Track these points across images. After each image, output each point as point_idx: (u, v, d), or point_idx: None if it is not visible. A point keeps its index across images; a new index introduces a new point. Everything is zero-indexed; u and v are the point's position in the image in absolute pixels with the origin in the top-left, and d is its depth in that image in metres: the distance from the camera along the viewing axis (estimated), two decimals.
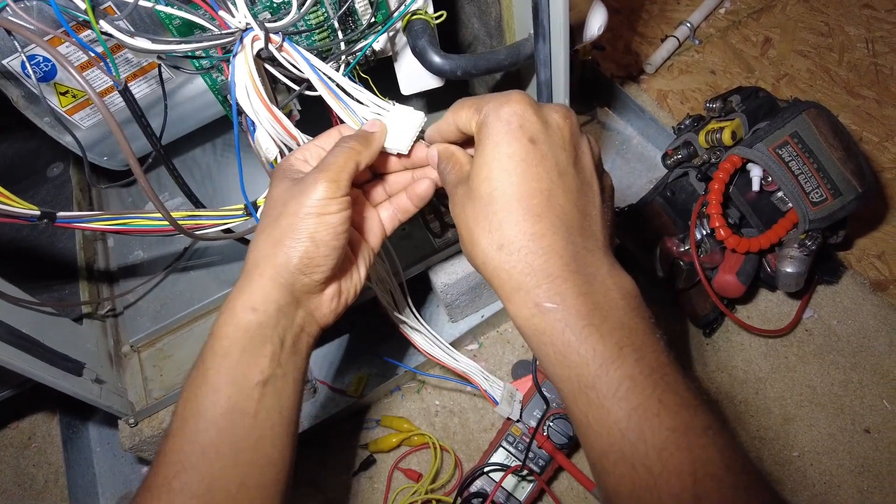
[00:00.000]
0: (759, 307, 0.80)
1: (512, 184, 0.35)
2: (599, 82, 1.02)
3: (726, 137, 0.73)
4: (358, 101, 0.54)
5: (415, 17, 0.64)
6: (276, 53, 0.52)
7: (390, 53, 0.69)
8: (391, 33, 0.67)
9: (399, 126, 0.49)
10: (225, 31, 0.49)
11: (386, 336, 0.82)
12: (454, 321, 0.84)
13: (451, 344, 0.82)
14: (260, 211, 0.50)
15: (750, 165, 0.74)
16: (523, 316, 0.35)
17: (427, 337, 0.71)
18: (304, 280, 0.42)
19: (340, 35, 0.61)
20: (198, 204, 0.69)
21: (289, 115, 0.61)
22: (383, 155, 0.49)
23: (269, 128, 0.53)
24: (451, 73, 0.64)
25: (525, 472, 0.68)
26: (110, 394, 0.63)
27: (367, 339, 0.82)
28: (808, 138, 0.70)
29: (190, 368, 0.42)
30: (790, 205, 0.71)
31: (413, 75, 0.72)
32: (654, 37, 1.13)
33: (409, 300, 0.72)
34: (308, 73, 0.53)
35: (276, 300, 0.41)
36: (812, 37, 1.07)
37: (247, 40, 0.49)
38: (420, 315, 0.86)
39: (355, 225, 0.50)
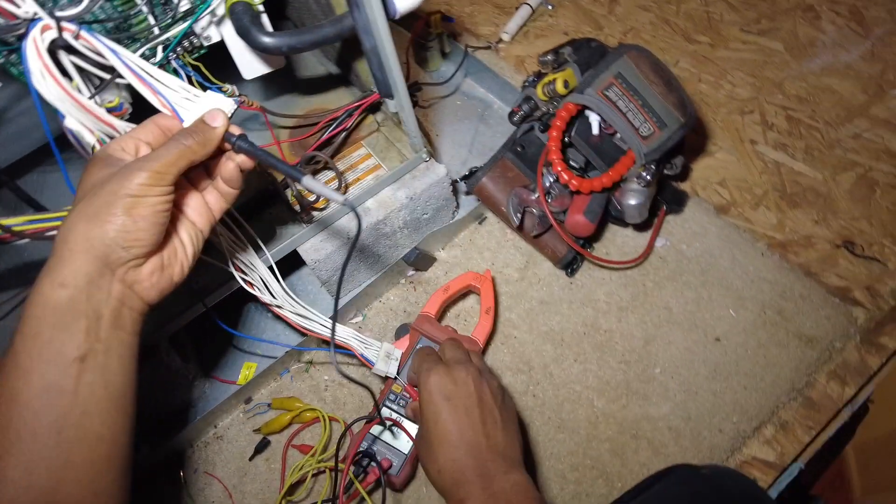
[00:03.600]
0: (617, 242, 0.85)
1: (438, 429, 0.56)
2: (462, 54, 1.06)
3: (559, 87, 0.77)
4: (167, 86, 0.55)
5: (235, 1, 0.65)
6: (73, 42, 0.52)
7: (218, 39, 0.69)
8: (214, 19, 0.68)
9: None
10: (12, 23, 0.49)
11: (270, 321, 0.83)
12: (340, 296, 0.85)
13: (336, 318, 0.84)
14: None
15: (588, 112, 0.78)
16: None
17: (302, 314, 0.73)
18: (121, 253, 0.42)
19: (153, 21, 0.61)
20: (39, 207, 0.67)
21: (118, 107, 0.61)
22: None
23: (78, 116, 0.53)
24: (278, 50, 0.65)
25: (390, 423, 0.70)
26: None
27: (250, 327, 0.83)
28: (631, 77, 0.76)
29: None
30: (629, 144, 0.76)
31: (250, 60, 0.73)
32: (511, 7, 1.18)
33: (281, 281, 0.73)
34: (112, 61, 0.53)
35: (88, 273, 0.41)
36: None
37: (34, 31, 0.49)
38: (303, 294, 0.88)
39: (179, 207, 0.51)
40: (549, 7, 1.16)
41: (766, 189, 0.88)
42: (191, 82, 0.66)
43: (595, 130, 0.79)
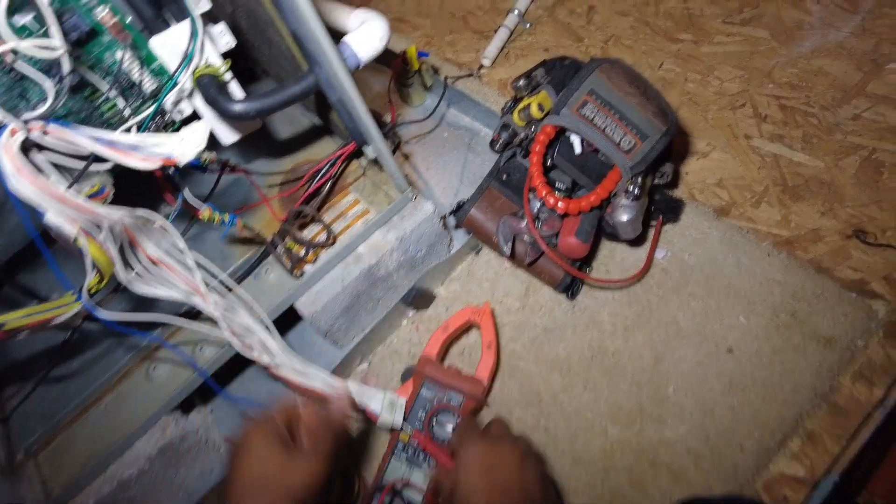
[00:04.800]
0: (616, 259, 0.83)
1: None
2: (443, 86, 1.06)
3: (534, 111, 0.76)
4: (141, 141, 0.56)
5: (201, 73, 0.67)
6: (42, 140, 0.53)
7: (191, 111, 0.70)
8: (184, 94, 0.69)
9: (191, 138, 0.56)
10: None
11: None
12: (342, 346, 0.85)
13: (340, 367, 0.83)
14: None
15: (569, 131, 0.77)
16: None
17: (301, 372, 0.72)
18: None
19: (122, 104, 0.63)
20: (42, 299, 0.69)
21: (100, 191, 0.62)
22: None
23: (58, 209, 0.54)
24: (247, 115, 0.66)
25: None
26: None
27: (250, 388, 0.83)
28: (605, 92, 0.74)
29: None
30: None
31: (225, 127, 0.74)
32: (489, 30, 1.18)
33: (279, 339, 0.73)
34: (90, 146, 0.55)
35: None
36: None
37: (4, 136, 0.51)
38: (305, 345, 0.87)
39: None
40: (527, 26, 1.15)
41: (767, 184, 0.85)
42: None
43: (578, 149, 0.78)
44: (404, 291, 0.86)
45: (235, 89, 0.73)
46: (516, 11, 1.15)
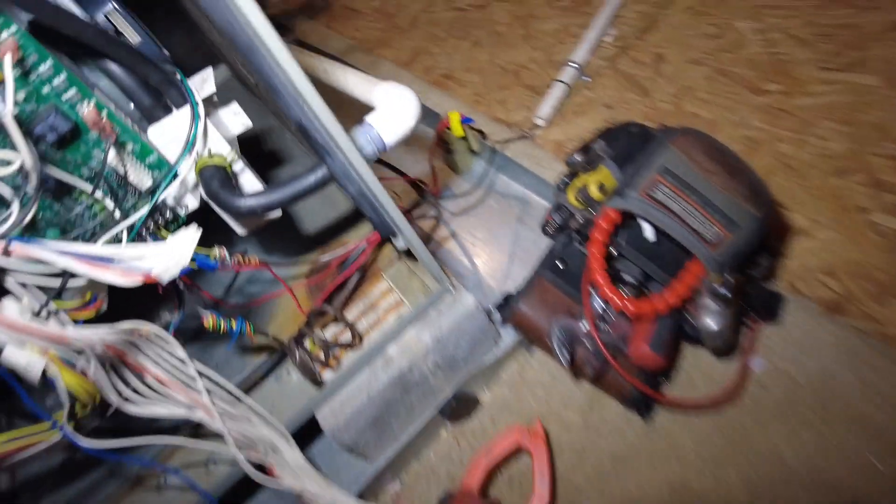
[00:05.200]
0: (701, 366, 0.68)
1: None
2: (493, 153, 0.95)
3: (593, 191, 0.64)
4: (121, 256, 0.48)
5: (204, 164, 0.59)
6: (6, 262, 0.46)
7: (197, 205, 0.63)
8: (188, 186, 0.61)
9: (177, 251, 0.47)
10: None
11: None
12: (371, 460, 0.74)
13: (369, 488, 0.72)
14: None
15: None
16: None
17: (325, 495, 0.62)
18: None
19: (111, 205, 0.55)
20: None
21: (91, 301, 0.55)
22: None
23: (19, 340, 0.46)
24: (252, 212, 0.57)
25: None
26: None
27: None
28: (681, 171, 0.61)
29: None
30: None
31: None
32: (544, 86, 1.07)
33: (298, 454, 0.63)
34: (60, 262, 0.47)
35: None
36: (703, 41, 0.99)
37: None
38: (333, 453, 0.76)
39: None
40: (587, 80, 1.03)
41: (893, 272, 0.68)
42: None
43: (650, 236, 0.65)
44: (443, 397, 0.74)
45: (249, 179, 0.65)
46: (574, 64, 1.03)
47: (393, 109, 0.59)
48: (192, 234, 0.50)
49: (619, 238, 0.66)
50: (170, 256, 0.49)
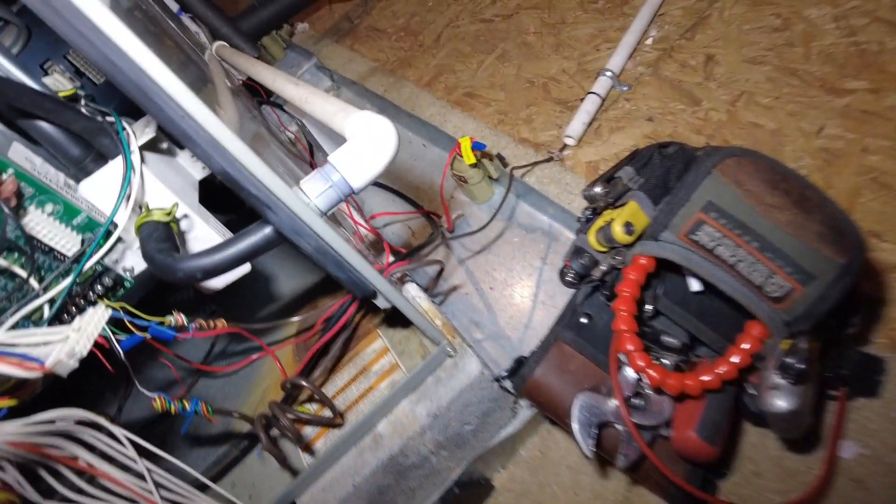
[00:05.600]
0: (768, 451, 0.52)
1: None
2: (509, 178, 0.83)
3: (618, 233, 0.50)
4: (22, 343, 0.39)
5: (144, 220, 0.50)
6: None
7: (144, 266, 0.54)
8: (134, 248, 0.53)
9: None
10: None
11: None
12: None
13: None
14: None
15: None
16: None
17: None
18: None
19: (32, 281, 0.47)
20: None
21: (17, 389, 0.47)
22: None
23: None
24: (192, 279, 0.48)
25: None
26: None
27: None
28: (731, 205, 0.46)
29: None
30: None
31: None
32: (575, 99, 0.93)
33: None
34: None
35: None
36: (764, 37, 0.83)
37: None
38: None
39: None
40: (624, 89, 0.89)
41: None
42: (121, 326, 0.50)
43: (695, 286, 0.51)
44: (449, 478, 0.62)
45: (204, 233, 0.56)
46: (608, 73, 0.90)
47: (361, 144, 0.48)
48: (100, 313, 0.41)
49: (654, 290, 0.52)
50: (78, 335, 0.40)
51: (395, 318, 0.66)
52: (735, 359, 0.47)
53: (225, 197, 0.67)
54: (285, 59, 1.48)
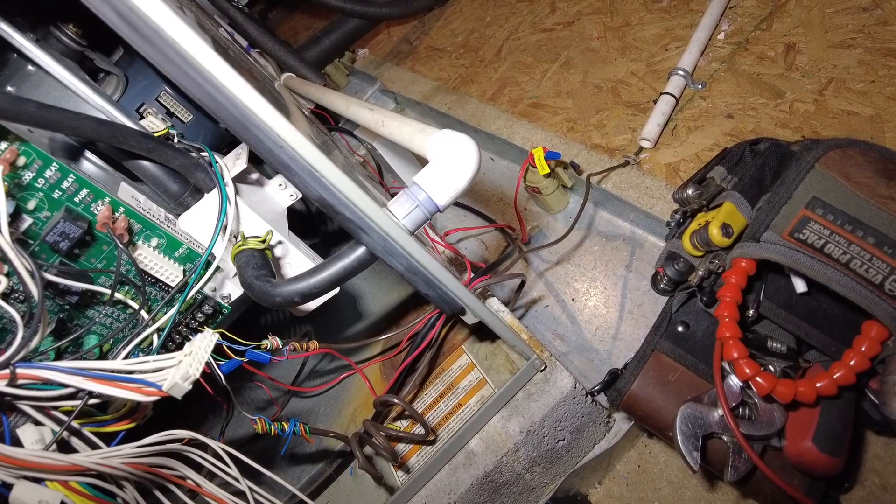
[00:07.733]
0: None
1: None
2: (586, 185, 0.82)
3: (715, 236, 0.48)
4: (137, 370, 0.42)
5: (240, 249, 0.52)
6: (10, 390, 0.41)
7: (240, 292, 0.56)
8: (230, 276, 0.55)
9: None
10: None
11: None
12: None
13: None
14: None
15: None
16: None
17: None
18: None
19: (144, 312, 0.50)
20: None
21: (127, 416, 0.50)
22: None
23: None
24: (290, 302, 0.49)
25: None
26: None
27: None
28: (839, 200, 0.43)
29: None
30: None
31: None
32: (648, 101, 0.91)
33: None
34: (71, 382, 0.42)
35: None
36: (851, 18, 0.78)
37: None
38: None
39: None
40: (699, 87, 0.86)
41: None
42: (219, 351, 0.52)
43: (800, 287, 0.48)
44: (544, 495, 0.60)
45: (297, 259, 0.58)
46: (681, 72, 0.87)
47: (445, 163, 0.49)
48: (208, 338, 0.43)
49: (756, 293, 0.49)
50: (189, 360, 0.42)
51: (480, 334, 0.66)
52: (853, 362, 0.44)
53: (308, 223, 0.69)
54: (349, 85, 1.52)
